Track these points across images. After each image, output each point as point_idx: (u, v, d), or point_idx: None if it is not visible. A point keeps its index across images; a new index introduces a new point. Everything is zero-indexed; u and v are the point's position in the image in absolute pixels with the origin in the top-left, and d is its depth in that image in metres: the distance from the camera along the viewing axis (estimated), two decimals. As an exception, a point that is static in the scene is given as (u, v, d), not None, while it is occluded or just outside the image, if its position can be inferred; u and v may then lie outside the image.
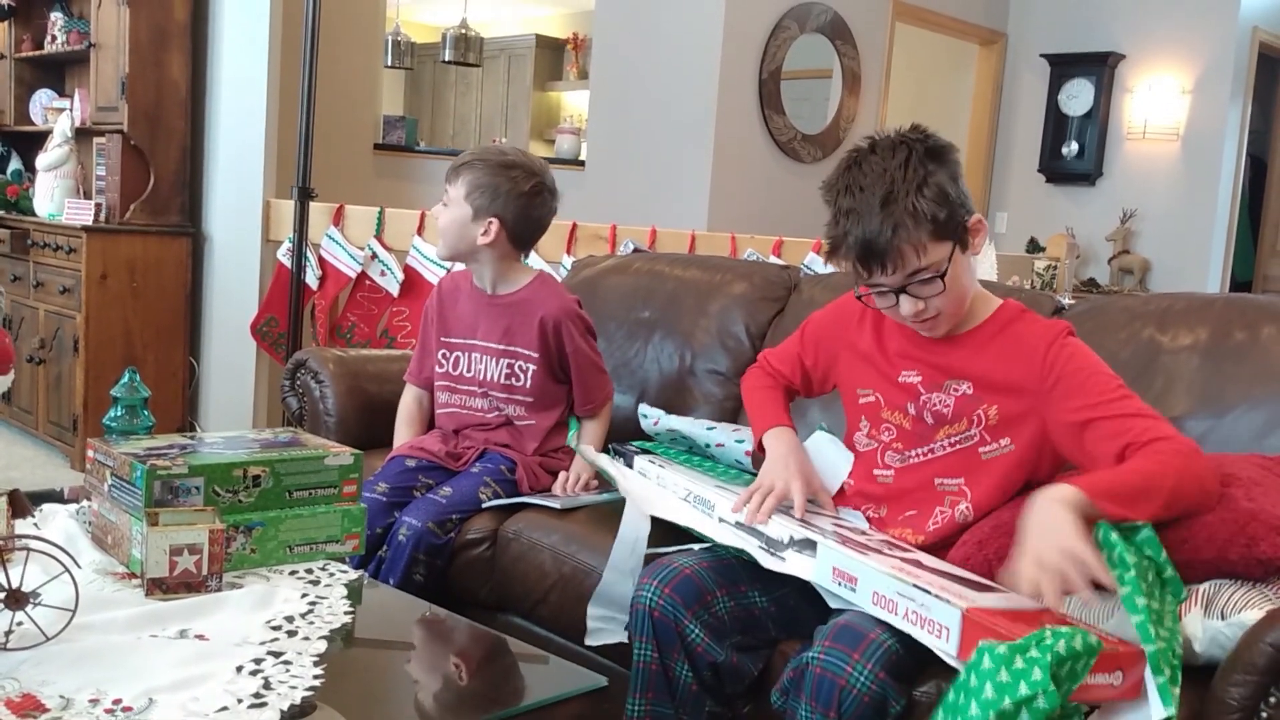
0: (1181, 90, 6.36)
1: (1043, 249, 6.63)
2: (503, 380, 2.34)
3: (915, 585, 1.45)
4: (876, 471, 1.81)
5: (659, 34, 5.40)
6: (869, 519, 1.80)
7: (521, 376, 2.34)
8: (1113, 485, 1.47)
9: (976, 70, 7.08)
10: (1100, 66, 6.58)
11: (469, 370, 2.37)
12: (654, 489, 2.01)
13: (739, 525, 1.75)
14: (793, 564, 1.64)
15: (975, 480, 1.71)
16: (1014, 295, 2.19)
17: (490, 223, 2.27)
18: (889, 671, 1.46)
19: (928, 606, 1.42)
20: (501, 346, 2.34)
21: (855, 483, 1.85)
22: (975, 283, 1.76)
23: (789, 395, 2.02)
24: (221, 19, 4.35)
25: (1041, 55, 6.80)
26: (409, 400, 2.48)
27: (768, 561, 1.67)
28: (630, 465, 2.14)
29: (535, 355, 2.33)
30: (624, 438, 2.40)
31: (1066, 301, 2.28)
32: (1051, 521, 1.42)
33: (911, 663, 1.51)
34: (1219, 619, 1.44)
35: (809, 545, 1.62)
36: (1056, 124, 6.79)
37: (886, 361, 1.81)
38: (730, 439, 2.22)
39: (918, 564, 1.58)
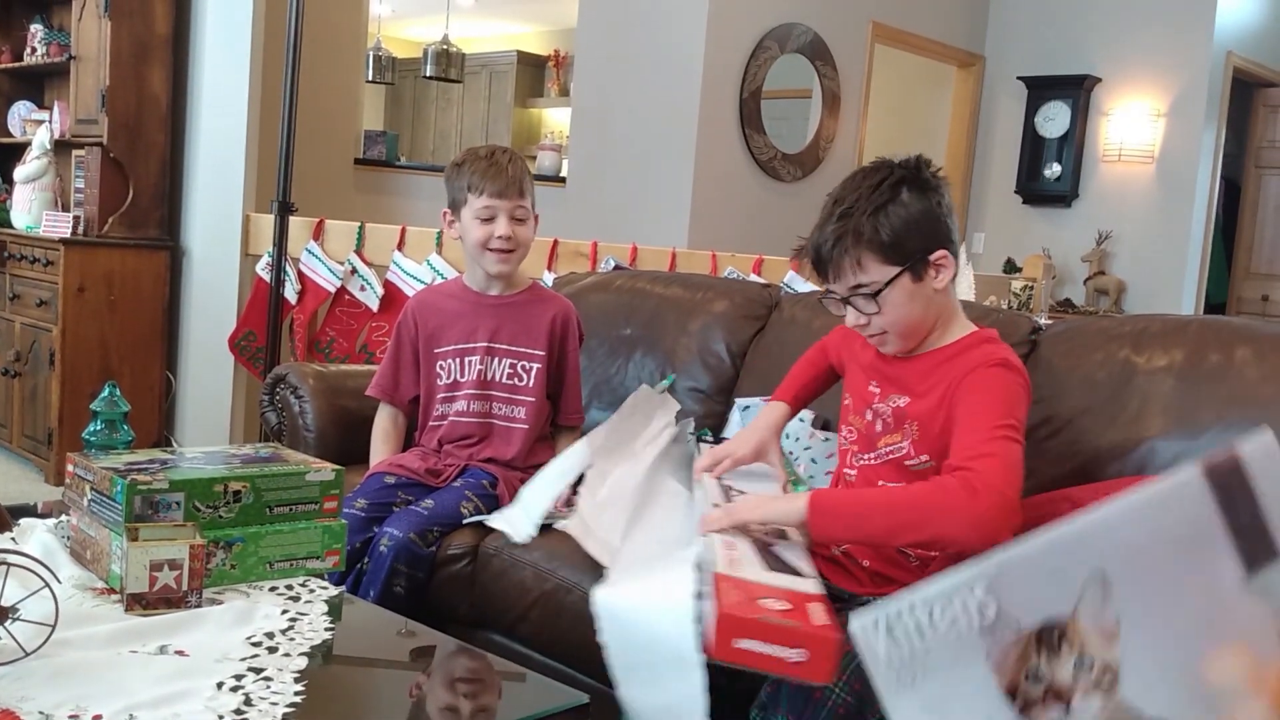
0: (1156, 113, 6.44)
1: (1019, 269, 6.68)
2: (505, 380, 2.36)
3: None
4: (846, 470, 1.88)
5: (641, 52, 5.43)
6: None
7: (525, 376, 2.36)
8: (836, 504, 1.63)
9: (954, 92, 7.14)
10: (1076, 89, 6.65)
11: (464, 375, 2.37)
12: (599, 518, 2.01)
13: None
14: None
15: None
16: (991, 318, 2.22)
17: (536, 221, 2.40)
18: (865, 683, 1.48)
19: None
20: (506, 346, 2.37)
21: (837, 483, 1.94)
22: (949, 308, 1.79)
23: (822, 369, 2.09)
24: (203, 33, 4.35)
25: (1019, 78, 6.87)
26: (384, 419, 2.47)
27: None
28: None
29: (542, 354, 2.37)
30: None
31: (1043, 322, 2.30)
32: (769, 501, 1.71)
33: None
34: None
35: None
36: (1033, 146, 6.86)
37: (864, 370, 1.89)
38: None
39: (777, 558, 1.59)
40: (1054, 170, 6.78)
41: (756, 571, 1.49)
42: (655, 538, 1.82)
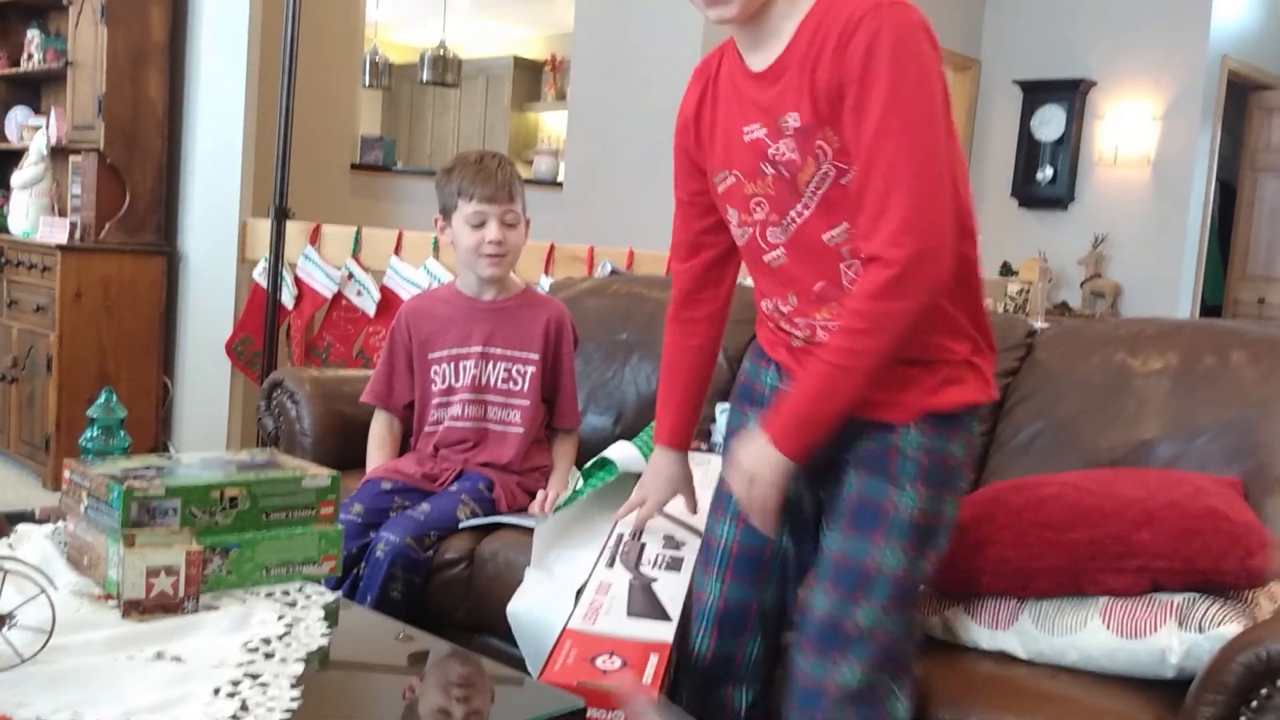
0: (1152, 117, 6.45)
1: (1015, 273, 6.69)
2: (500, 384, 2.36)
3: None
4: (766, 257, 1.59)
5: (637, 56, 5.43)
6: (786, 313, 1.61)
7: (520, 380, 2.36)
8: (788, 424, 1.50)
9: (950, 95, 7.16)
10: (1072, 93, 6.66)
11: (459, 379, 2.38)
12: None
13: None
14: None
15: (855, 217, 1.48)
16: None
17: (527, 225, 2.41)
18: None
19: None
20: (500, 351, 2.37)
21: (757, 281, 1.67)
22: None
23: (686, 351, 1.88)
24: (200, 39, 4.35)
25: (1014, 81, 6.88)
26: (379, 424, 2.47)
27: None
28: None
29: (536, 358, 2.37)
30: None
31: (1039, 325, 2.30)
32: (760, 455, 1.52)
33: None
34: (1196, 631, 1.45)
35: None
36: (1029, 149, 6.87)
37: (731, 127, 1.58)
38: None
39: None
40: (1050, 173, 6.79)
41: (614, 620, 1.62)
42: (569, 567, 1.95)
